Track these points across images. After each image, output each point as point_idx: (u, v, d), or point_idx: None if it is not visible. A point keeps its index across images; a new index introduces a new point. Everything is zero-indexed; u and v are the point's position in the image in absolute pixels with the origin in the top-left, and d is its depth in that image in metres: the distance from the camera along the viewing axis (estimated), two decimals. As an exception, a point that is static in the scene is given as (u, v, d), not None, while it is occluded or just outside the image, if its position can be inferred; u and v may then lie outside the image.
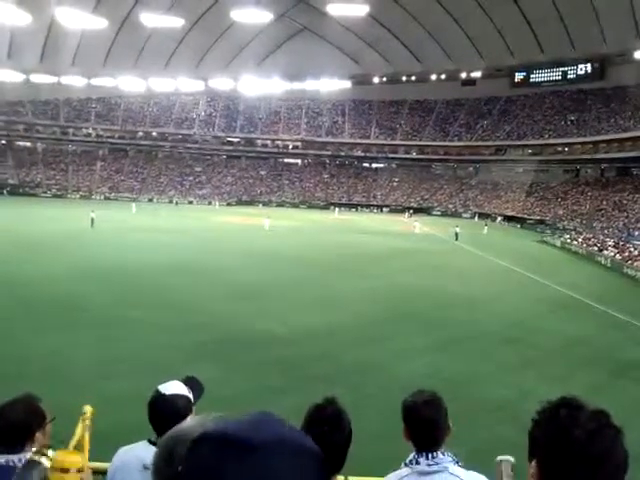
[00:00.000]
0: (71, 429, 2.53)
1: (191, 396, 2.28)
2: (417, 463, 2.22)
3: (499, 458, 2.02)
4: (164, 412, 2.12)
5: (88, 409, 2.55)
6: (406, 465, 2.26)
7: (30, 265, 21.13)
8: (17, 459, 2.12)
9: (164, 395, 2.22)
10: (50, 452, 1.94)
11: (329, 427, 1.92)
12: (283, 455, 0.74)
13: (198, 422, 1.16)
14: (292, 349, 12.73)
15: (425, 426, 2.26)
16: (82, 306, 15.44)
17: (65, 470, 1.84)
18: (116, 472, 2.21)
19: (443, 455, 2.24)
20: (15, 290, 16.92)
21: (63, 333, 12.86)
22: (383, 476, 2.36)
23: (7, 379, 8.27)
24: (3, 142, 76.44)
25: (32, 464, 1.91)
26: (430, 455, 2.22)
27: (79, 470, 1.88)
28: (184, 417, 1.99)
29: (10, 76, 73.03)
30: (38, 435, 2.22)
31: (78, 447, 2.45)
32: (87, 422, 2.54)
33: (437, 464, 2.19)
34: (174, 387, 2.27)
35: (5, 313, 14.36)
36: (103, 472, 2.71)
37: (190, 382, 2.36)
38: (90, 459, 2.63)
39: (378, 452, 7.13)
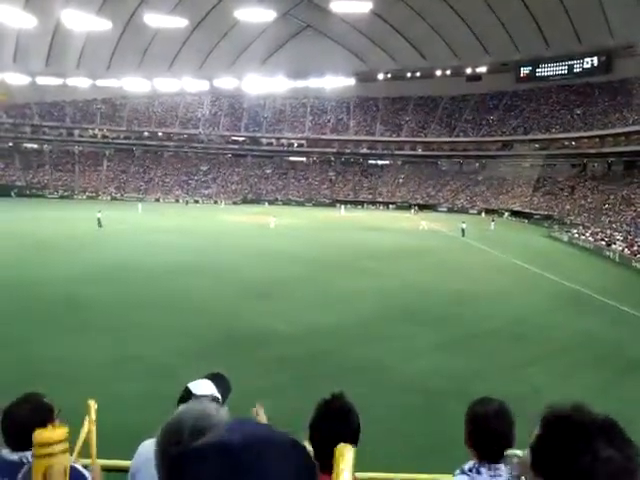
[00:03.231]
0: (78, 429, 2.57)
1: (220, 397, 2.24)
2: (478, 472, 2.17)
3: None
4: None
5: (92, 404, 2.59)
6: (463, 473, 2.21)
7: (37, 267, 21.29)
8: (30, 455, 2.16)
9: (195, 395, 2.18)
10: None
11: (338, 421, 1.94)
12: (269, 451, 0.75)
13: (197, 401, 1.22)
14: (297, 347, 12.76)
15: (495, 438, 2.18)
16: (90, 307, 15.55)
17: (48, 444, 1.88)
18: (142, 467, 2.08)
19: (505, 467, 2.18)
20: (23, 292, 17.05)
21: (71, 334, 12.95)
22: (388, 472, 2.38)
23: (15, 381, 8.34)
24: (10, 144, 76.95)
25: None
26: (493, 466, 2.16)
27: (62, 441, 1.91)
28: None
29: (16, 79, 73.53)
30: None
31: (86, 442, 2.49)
32: (92, 416, 2.58)
33: (500, 476, 2.15)
34: (204, 387, 2.26)
35: (14, 315, 14.47)
36: (113, 469, 2.75)
37: (216, 379, 2.35)
38: (99, 457, 2.68)
39: (383, 450, 7.15)
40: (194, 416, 1.17)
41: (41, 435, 1.90)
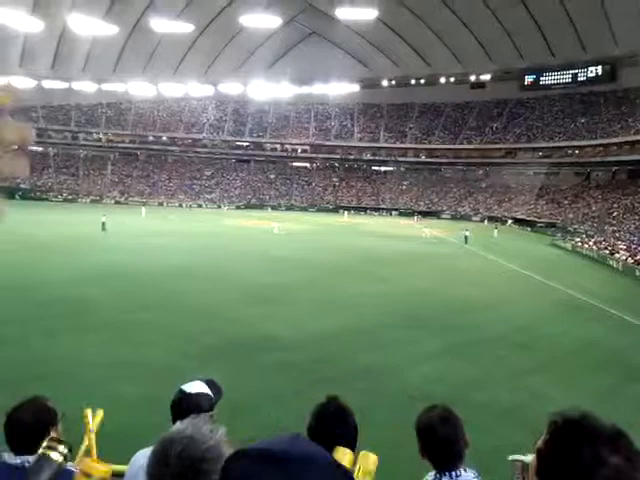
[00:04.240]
0: (79, 430, 2.56)
1: (212, 395, 2.31)
2: None
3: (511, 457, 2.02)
4: (189, 411, 2.13)
5: (88, 413, 2.58)
6: None
7: (42, 269, 21.33)
8: (32, 459, 2.16)
9: (189, 394, 2.26)
10: (62, 447, 1.98)
11: (335, 424, 1.93)
12: (315, 467, 0.78)
13: (190, 424, 1.22)
14: (300, 353, 12.71)
15: (444, 445, 2.15)
16: (94, 309, 15.56)
17: (88, 475, 1.90)
18: (136, 476, 2.11)
19: (466, 472, 2.16)
20: (28, 294, 17.07)
21: (75, 336, 12.96)
22: (388, 477, 2.37)
23: (20, 382, 8.35)
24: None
25: (42, 458, 1.95)
26: (454, 474, 2.13)
27: (102, 479, 1.95)
28: None
29: (22, 82, 73.91)
30: (53, 433, 2.26)
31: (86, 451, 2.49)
32: (89, 426, 2.57)
33: None
34: (197, 386, 2.31)
35: (19, 316, 14.48)
36: (115, 474, 2.74)
37: (208, 384, 2.38)
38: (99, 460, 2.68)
39: (390, 456, 7.11)
40: (184, 440, 1.17)
41: (88, 465, 1.94)
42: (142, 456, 2.25)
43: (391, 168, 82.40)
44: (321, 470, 0.80)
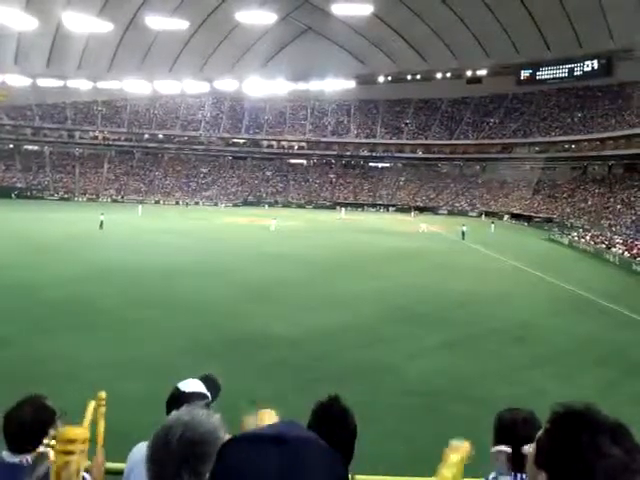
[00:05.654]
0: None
1: (209, 394, 2.31)
2: None
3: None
4: None
5: (102, 395, 2.59)
6: None
7: (41, 268, 21.26)
8: (31, 458, 2.16)
9: (184, 393, 2.25)
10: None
11: (335, 424, 1.93)
12: (310, 448, 0.83)
13: (187, 410, 1.28)
14: (298, 350, 12.73)
15: (521, 444, 2.04)
16: (93, 308, 15.53)
17: (71, 441, 1.86)
18: (134, 467, 2.13)
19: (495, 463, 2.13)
20: (28, 293, 17.02)
21: (76, 335, 12.94)
22: (390, 475, 2.36)
23: (17, 381, 8.33)
24: (11, 146, 77.01)
25: (40, 457, 1.95)
26: (520, 476, 2.07)
27: (84, 441, 1.90)
28: None
29: (17, 80, 73.56)
30: (52, 432, 2.26)
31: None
32: (102, 409, 2.57)
33: None
34: (193, 385, 2.31)
35: (19, 316, 14.46)
36: (116, 472, 2.74)
37: (207, 380, 2.39)
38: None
39: (388, 451, 7.13)
40: (183, 425, 1.22)
41: (67, 432, 1.89)
42: (138, 451, 2.25)
43: (388, 164, 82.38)
44: (316, 450, 0.83)
